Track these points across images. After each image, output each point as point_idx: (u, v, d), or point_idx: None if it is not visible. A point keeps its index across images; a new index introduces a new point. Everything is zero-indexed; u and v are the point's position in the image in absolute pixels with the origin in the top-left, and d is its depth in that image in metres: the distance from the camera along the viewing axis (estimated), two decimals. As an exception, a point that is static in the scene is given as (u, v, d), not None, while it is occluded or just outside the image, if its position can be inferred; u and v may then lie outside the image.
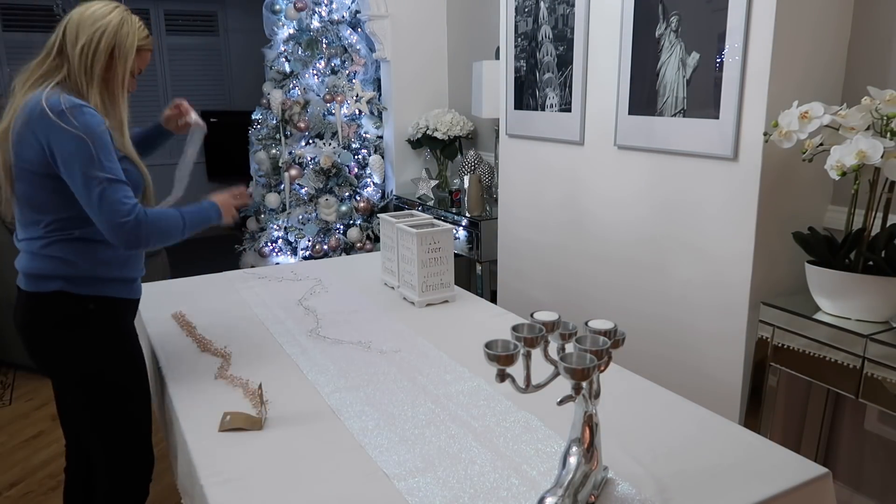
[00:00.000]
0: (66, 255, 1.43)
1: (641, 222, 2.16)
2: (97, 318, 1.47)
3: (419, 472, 1.15)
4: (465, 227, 3.23)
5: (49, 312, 1.45)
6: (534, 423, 1.31)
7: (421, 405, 1.39)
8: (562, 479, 1.02)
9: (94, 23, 1.44)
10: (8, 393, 3.16)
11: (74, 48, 1.42)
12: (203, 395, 1.45)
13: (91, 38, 1.43)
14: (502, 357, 1.00)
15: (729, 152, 1.83)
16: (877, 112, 1.56)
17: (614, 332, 1.07)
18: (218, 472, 1.16)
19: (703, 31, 1.87)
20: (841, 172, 1.53)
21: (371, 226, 4.06)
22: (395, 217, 2.18)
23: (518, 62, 2.63)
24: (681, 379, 2.06)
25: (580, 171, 2.39)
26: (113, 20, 1.45)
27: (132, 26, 1.48)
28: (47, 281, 1.43)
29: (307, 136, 3.95)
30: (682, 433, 1.29)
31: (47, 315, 1.45)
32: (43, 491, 2.41)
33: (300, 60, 3.90)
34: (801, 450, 1.98)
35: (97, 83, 1.45)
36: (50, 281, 1.43)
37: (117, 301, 1.51)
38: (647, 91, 2.07)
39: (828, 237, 1.74)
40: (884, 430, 1.95)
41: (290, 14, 3.85)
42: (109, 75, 1.47)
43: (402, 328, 1.84)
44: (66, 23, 1.45)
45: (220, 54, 6.85)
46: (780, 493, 1.09)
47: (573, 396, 1.02)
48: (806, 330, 1.71)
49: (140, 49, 1.51)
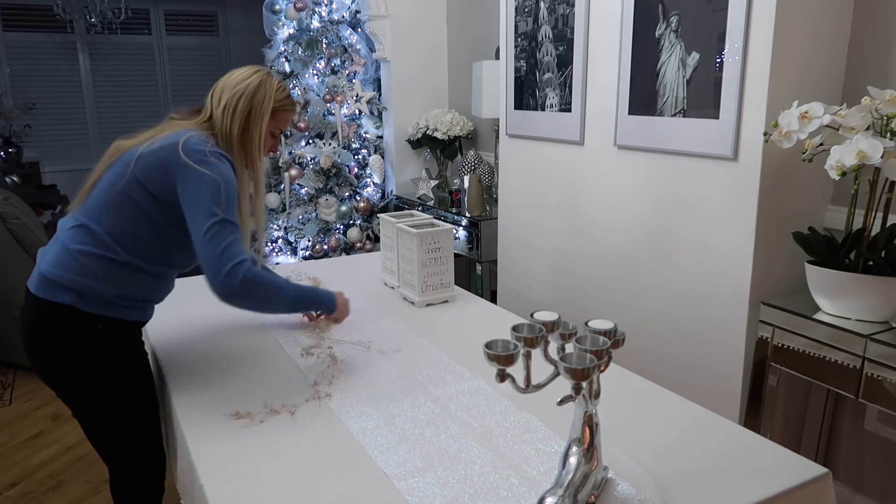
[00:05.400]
0: (95, 271, 1.39)
1: (641, 222, 2.16)
2: (104, 337, 1.44)
3: (419, 472, 1.15)
4: (465, 227, 3.23)
5: (55, 325, 1.41)
6: (534, 423, 1.31)
7: (421, 405, 1.39)
8: (562, 479, 1.02)
9: (234, 87, 1.51)
10: (8, 393, 3.16)
11: (217, 110, 1.50)
12: (203, 395, 1.45)
13: (229, 101, 1.49)
14: (502, 357, 1.00)
15: (729, 152, 1.83)
16: (877, 112, 1.56)
17: (614, 332, 1.07)
18: (218, 472, 1.16)
19: (703, 31, 1.87)
20: (841, 172, 1.53)
21: (371, 226, 4.06)
22: (395, 217, 2.18)
23: (518, 62, 2.63)
24: (681, 379, 2.06)
25: (580, 172, 2.39)
26: (251, 84, 1.51)
27: (269, 89, 1.52)
28: (60, 291, 1.39)
29: (307, 136, 3.95)
30: (682, 433, 1.29)
31: (53, 327, 1.42)
32: (43, 491, 2.41)
33: (300, 60, 3.90)
34: (801, 450, 1.98)
35: (237, 145, 1.50)
36: (62, 292, 1.39)
37: (127, 323, 1.48)
38: (647, 91, 2.07)
39: (828, 237, 1.74)
40: (884, 430, 1.95)
41: (290, 14, 3.85)
42: (247, 137, 1.52)
43: (402, 328, 1.84)
44: (215, 87, 1.53)
45: (220, 54, 6.85)
46: (780, 493, 1.09)
47: (573, 396, 1.02)
48: (806, 330, 1.71)
49: (277, 110, 1.55)
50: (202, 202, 1.35)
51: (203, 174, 1.36)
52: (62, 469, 2.55)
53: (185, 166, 1.37)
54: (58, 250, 1.43)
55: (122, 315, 1.45)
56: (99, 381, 1.44)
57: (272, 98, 1.52)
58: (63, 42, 6.15)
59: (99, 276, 1.40)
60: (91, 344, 1.42)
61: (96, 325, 1.42)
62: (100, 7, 5.77)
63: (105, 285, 1.40)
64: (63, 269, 1.40)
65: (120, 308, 1.44)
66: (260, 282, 1.42)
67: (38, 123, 6.07)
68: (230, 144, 1.49)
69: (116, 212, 1.41)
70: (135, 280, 1.45)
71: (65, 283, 1.39)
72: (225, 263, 1.35)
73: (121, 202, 1.40)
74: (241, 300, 1.42)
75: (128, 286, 1.44)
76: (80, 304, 1.39)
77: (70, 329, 1.41)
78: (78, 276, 1.39)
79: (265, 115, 1.51)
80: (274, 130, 1.58)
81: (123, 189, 1.40)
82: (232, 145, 1.50)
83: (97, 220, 1.41)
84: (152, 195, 1.40)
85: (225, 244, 1.35)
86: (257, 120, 1.51)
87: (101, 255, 1.40)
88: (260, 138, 1.53)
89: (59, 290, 1.39)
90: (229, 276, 1.35)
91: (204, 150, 1.39)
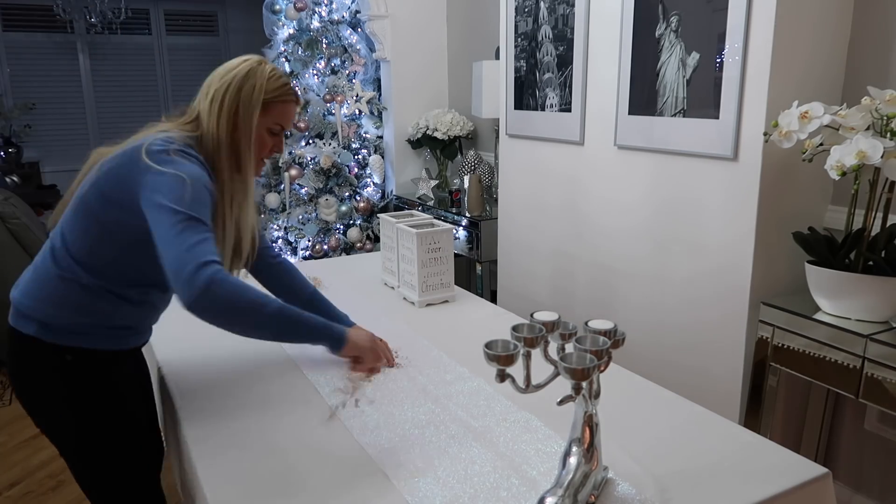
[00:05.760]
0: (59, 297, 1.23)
1: (641, 222, 2.16)
2: (76, 370, 1.25)
3: (419, 472, 1.15)
4: (465, 227, 3.23)
5: (23, 357, 1.27)
6: (534, 423, 1.31)
7: (421, 405, 1.39)
8: (562, 479, 1.02)
9: (221, 77, 1.29)
10: (8, 393, 3.16)
11: (203, 107, 1.29)
12: (204, 395, 1.45)
13: (215, 95, 1.28)
14: (502, 357, 1.00)
15: (729, 152, 1.83)
16: (877, 112, 1.56)
17: (614, 332, 1.07)
18: (218, 473, 1.16)
19: (703, 31, 1.87)
20: (841, 172, 1.53)
21: (371, 226, 4.06)
22: (395, 217, 2.18)
23: (518, 62, 2.62)
24: (681, 378, 2.06)
25: (580, 172, 2.39)
26: (239, 73, 1.29)
27: (260, 78, 1.29)
28: (25, 320, 1.25)
29: (307, 136, 3.95)
30: (682, 433, 1.29)
31: (22, 360, 1.27)
32: (43, 491, 2.41)
33: (300, 60, 3.90)
34: (801, 450, 1.98)
35: (225, 147, 1.27)
36: (26, 322, 1.24)
37: (105, 353, 1.29)
38: (647, 91, 2.07)
39: (828, 237, 1.74)
40: (884, 430, 1.95)
41: (290, 14, 3.85)
42: (236, 136, 1.29)
43: (402, 328, 1.84)
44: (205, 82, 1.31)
45: (220, 54, 6.84)
46: (780, 493, 1.09)
47: (573, 396, 1.02)
48: (806, 330, 1.70)
49: (271, 102, 1.31)
50: (162, 202, 1.13)
51: (164, 173, 1.16)
52: (62, 469, 2.55)
53: (146, 169, 1.16)
54: (28, 275, 1.29)
55: (97, 345, 1.27)
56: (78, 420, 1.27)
57: (262, 88, 1.29)
58: (63, 42, 6.15)
59: (64, 302, 1.23)
60: (63, 378, 1.25)
61: (65, 356, 1.24)
62: (100, 7, 5.77)
63: (71, 313, 1.23)
64: (27, 295, 1.25)
65: (92, 337, 1.26)
66: (232, 287, 1.13)
67: (38, 123, 6.07)
68: (218, 146, 1.27)
69: (81, 229, 1.23)
70: (106, 306, 1.26)
71: (28, 311, 1.24)
72: (189, 261, 1.09)
73: (84, 217, 1.23)
74: (207, 309, 1.12)
75: (99, 313, 1.26)
76: (44, 334, 1.23)
77: (38, 362, 1.25)
78: (41, 303, 1.23)
79: (255, 108, 1.28)
80: (273, 127, 1.34)
81: (87, 202, 1.22)
82: (220, 147, 1.28)
83: (62, 238, 1.25)
84: (115, 207, 1.20)
85: (191, 241, 1.11)
86: (246, 115, 1.28)
87: (66, 279, 1.23)
88: (251, 136, 1.29)
89: (24, 319, 1.24)
90: (194, 277, 1.08)
91: (167, 150, 1.19)
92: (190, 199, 1.14)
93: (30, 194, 4.89)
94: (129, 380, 1.34)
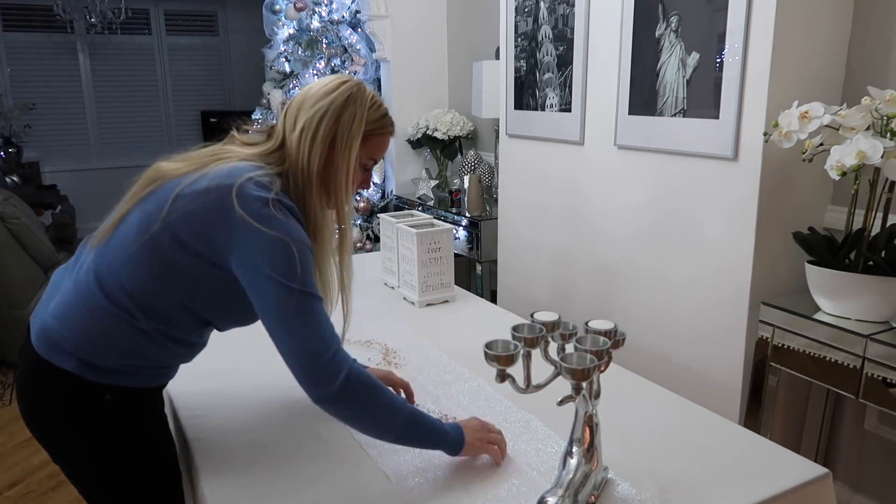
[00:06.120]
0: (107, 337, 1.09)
1: (641, 222, 2.16)
2: (113, 408, 1.13)
3: (419, 472, 1.15)
4: (465, 227, 3.23)
5: (53, 390, 1.11)
6: (534, 423, 1.31)
7: (421, 405, 1.39)
8: (562, 479, 1.02)
9: (314, 104, 1.13)
10: (8, 393, 3.16)
11: (292, 136, 1.14)
12: (204, 395, 1.45)
13: (308, 123, 1.13)
14: (502, 357, 1.00)
15: (729, 152, 1.83)
16: (877, 112, 1.56)
17: (614, 333, 1.07)
18: (218, 474, 1.16)
19: (703, 31, 1.87)
20: (841, 172, 1.53)
21: (371, 226, 4.06)
22: (395, 217, 2.18)
23: (518, 62, 2.63)
24: (681, 379, 2.06)
25: (580, 172, 2.39)
26: (337, 100, 1.14)
27: (361, 106, 1.15)
28: (62, 355, 1.09)
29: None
30: (682, 433, 1.29)
31: (51, 392, 1.12)
32: (43, 491, 2.41)
33: (300, 60, 3.90)
34: (801, 450, 1.98)
35: (316, 182, 1.13)
36: (65, 357, 1.09)
37: (145, 391, 1.17)
38: (647, 91, 2.07)
39: (828, 237, 1.74)
40: (884, 430, 1.95)
41: (290, 14, 3.85)
42: (330, 172, 1.15)
43: (402, 328, 1.84)
44: (290, 104, 1.16)
45: (220, 54, 6.85)
46: (780, 493, 1.09)
47: (573, 396, 1.02)
48: (806, 330, 1.70)
49: (371, 134, 1.18)
50: (271, 275, 1.02)
51: (265, 235, 1.03)
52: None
53: (242, 225, 1.03)
54: (67, 299, 1.12)
55: (138, 384, 1.15)
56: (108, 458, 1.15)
57: (363, 119, 1.15)
58: (63, 42, 6.15)
59: (113, 344, 1.10)
60: (97, 416, 1.13)
61: (104, 395, 1.12)
62: (100, 7, 5.77)
63: (118, 355, 1.11)
64: (68, 327, 1.10)
65: (135, 377, 1.14)
66: (369, 388, 1.06)
67: (38, 123, 6.07)
68: (308, 182, 1.13)
69: (142, 266, 1.08)
70: (157, 349, 1.13)
71: (67, 346, 1.09)
72: (318, 354, 1.02)
73: (148, 254, 1.07)
74: (344, 409, 1.06)
75: (148, 356, 1.14)
76: (86, 372, 1.10)
77: (71, 399, 1.11)
78: (83, 339, 1.09)
79: (355, 141, 1.15)
80: (367, 161, 1.20)
81: (154, 237, 1.06)
82: (310, 183, 1.13)
83: (116, 272, 1.09)
84: (191, 253, 1.07)
85: (312, 327, 1.03)
86: (344, 148, 1.14)
87: (119, 318, 1.08)
88: (348, 173, 1.15)
89: (61, 353, 1.10)
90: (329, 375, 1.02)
91: (265, 200, 1.05)
92: (301, 272, 1.04)
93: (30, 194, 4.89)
94: (160, 419, 1.23)
